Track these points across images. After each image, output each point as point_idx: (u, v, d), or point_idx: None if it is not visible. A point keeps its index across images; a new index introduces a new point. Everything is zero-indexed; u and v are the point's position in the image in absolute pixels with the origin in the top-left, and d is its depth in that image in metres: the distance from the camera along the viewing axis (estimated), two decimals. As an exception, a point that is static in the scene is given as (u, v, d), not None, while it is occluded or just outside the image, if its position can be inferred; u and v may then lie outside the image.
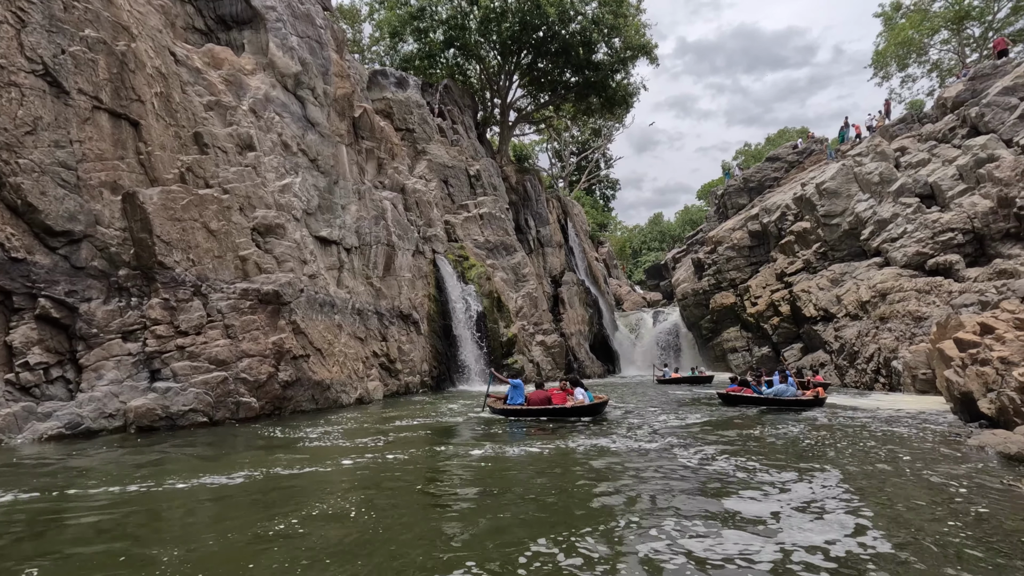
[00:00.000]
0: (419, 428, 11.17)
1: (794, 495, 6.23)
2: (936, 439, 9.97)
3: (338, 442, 9.65)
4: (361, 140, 22.00)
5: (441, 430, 11.05)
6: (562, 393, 12.72)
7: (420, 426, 11.44)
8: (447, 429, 11.21)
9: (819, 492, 6.38)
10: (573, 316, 33.97)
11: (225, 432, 11.25)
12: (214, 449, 9.47)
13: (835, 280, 27.16)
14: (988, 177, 22.68)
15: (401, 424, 11.75)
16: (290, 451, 8.89)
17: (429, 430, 10.93)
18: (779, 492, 6.36)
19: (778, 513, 5.52)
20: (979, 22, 34.47)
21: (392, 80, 29.59)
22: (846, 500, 6.10)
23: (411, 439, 9.80)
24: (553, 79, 35.51)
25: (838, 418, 13.51)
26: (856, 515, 5.55)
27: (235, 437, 10.64)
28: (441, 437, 10.12)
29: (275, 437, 10.48)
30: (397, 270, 21.43)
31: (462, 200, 29.71)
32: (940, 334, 17.90)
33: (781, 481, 6.84)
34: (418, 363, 21.17)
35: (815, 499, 6.10)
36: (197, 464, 8.16)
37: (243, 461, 8.23)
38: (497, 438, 9.86)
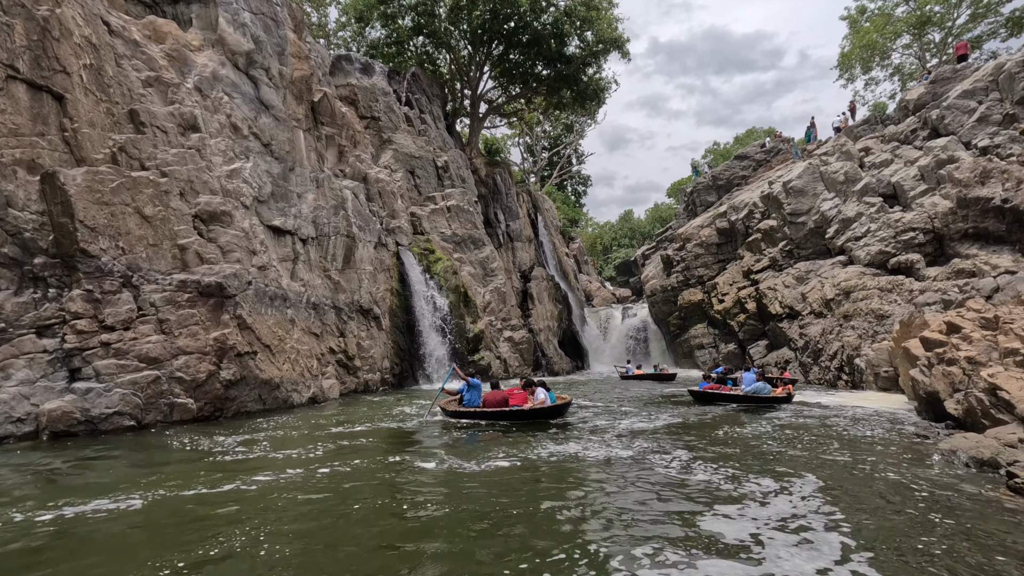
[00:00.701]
0: (368, 434, 10.24)
1: (774, 510, 5.66)
2: (907, 442, 9.62)
3: (272, 451, 8.66)
4: (321, 126, 20.83)
5: (391, 436, 10.17)
6: (522, 393, 11.69)
7: (369, 432, 10.50)
8: (398, 435, 10.32)
9: (799, 506, 5.84)
10: (542, 312, 33.37)
11: (154, 437, 10.18)
12: (129, 459, 8.45)
13: (800, 278, 27.20)
14: (948, 178, 22.88)
15: (349, 429, 10.80)
16: (216, 461, 7.93)
17: (378, 436, 10.04)
18: (758, 507, 5.78)
19: (759, 536, 4.91)
20: (939, 28, 35.02)
21: (357, 66, 28.35)
22: (826, 514, 5.57)
23: (356, 448, 8.91)
24: (524, 71, 34.71)
25: (807, 417, 13.17)
26: (839, 532, 5.02)
27: (164, 443, 9.59)
28: (390, 445, 9.25)
29: (206, 443, 9.47)
30: (357, 263, 20.39)
31: (429, 192, 28.71)
32: (903, 332, 17.87)
33: (759, 493, 6.28)
34: (379, 360, 20.21)
35: (795, 515, 5.55)
36: (101, 477, 7.16)
37: (158, 475, 7.27)
38: (450, 446, 8.98)
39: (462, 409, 11.60)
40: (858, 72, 37.62)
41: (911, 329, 15.71)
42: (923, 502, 6.05)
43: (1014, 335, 9.63)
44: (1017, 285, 12.39)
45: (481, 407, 11.62)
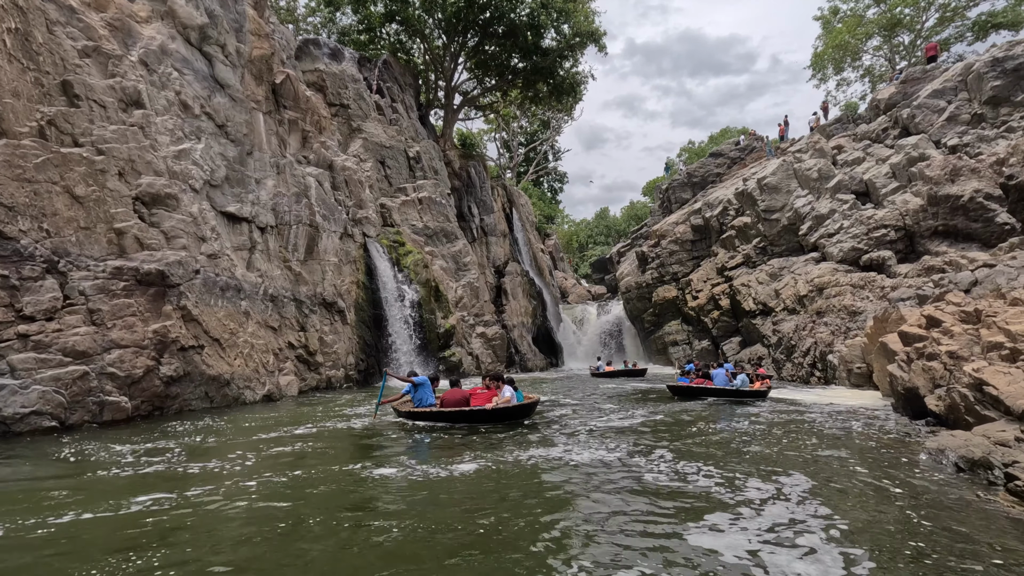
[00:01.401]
0: (319, 436, 9.25)
1: (767, 518, 5.01)
2: (889, 440, 9.12)
3: (206, 458, 7.64)
4: (283, 109, 19.67)
5: (345, 438, 9.20)
6: (486, 392, 10.61)
7: (321, 434, 9.51)
8: (352, 438, 9.34)
9: (796, 512, 5.22)
10: (516, 307, 32.62)
11: (77, 440, 9.07)
12: (32, 466, 7.38)
13: (774, 275, 27.01)
14: (919, 176, 22.85)
15: (301, 430, 9.77)
16: (133, 473, 6.93)
17: (330, 439, 9.07)
18: (752, 514, 5.12)
19: (757, 552, 4.21)
20: (909, 30, 35.32)
21: (325, 51, 27.13)
22: (823, 520, 4.97)
23: (304, 453, 7.93)
24: (500, 63, 33.86)
25: (785, 414, 12.67)
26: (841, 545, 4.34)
27: (84, 447, 8.51)
28: (343, 450, 8.30)
29: (126, 448, 8.42)
30: (321, 253, 19.31)
31: (400, 183, 27.67)
32: (877, 328, 17.63)
33: (750, 499, 5.61)
34: (343, 355, 19.18)
35: (792, 521, 4.91)
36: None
37: (63, 487, 6.25)
38: (410, 451, 8.03)
39: (417, 410, 10.43)
40: (830, 72, 37.81)
41: (887, 324, 15.41)
42: (919, 508, 5.45)
43: (997, 328, 9.21)
44: (996, 278, 12.10)
45: (439, 407, 10.51)
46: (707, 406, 14.22)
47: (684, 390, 16.30)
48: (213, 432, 9.64)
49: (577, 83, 36.11)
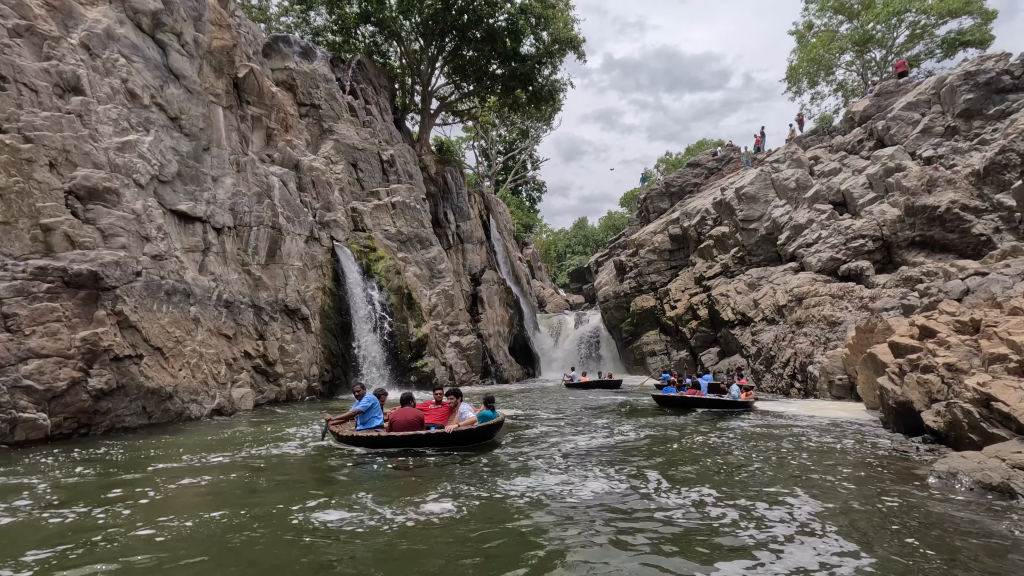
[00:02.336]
0: (255, 465, 7.83)
1: (790, 561, 4.12)
2: (891, 459, 8.34)
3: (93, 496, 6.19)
4: (246, 105, 18.48)
5: (286, 467, 7.81)
6: (440, 409, 9.25)
7: (259, 460, 8.09)
8: (295, 465, 7.99)
9: (821, 552, 4.38)
10: (492, 316, 31.62)
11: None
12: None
13: (752, 284, 26.58)
14: (896, 186, 22.68)
15: (238, 456, 8.36)
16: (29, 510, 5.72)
17: (268, 468, 7.66)
18: (772, 558, 4.25)
19: None
20: (881, 46, 35.71)
21: (296, 49, 25.99)
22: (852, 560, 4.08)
23: (233, 486, 6.67)
24: (479, 68, 33.11)
25: (772, 428, 11.92)
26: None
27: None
28: (279, 483, 6.97)
29: (28, 475, 7.18)
30: (284, 257, 18.09)
31: (373, 187, 26.55)
32: (860, 339, 17.12)
33: (764, 538, 4.74)
34: (306, 365, 17.91)
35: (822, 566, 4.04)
36: None
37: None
38: (356, 486, 6.69)
39: (360, 434, 8.82)
40: (805, 86, 38.04)
41: (872, 335, 14.86)
42: (945, 547, 4.62)
43: (1000, 339, 8.57)
44: (990, 286, 11.60)
45: (387, 429, 8.97)
46: (693, 419, 13.42)
47: (672, 400, 15.71)
48: (135, 457, 8.35)
49: (556, 91, 35.56)
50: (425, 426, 8.96)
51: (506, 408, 14.82)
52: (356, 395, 9.69)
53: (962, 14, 32.62)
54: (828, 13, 36.07)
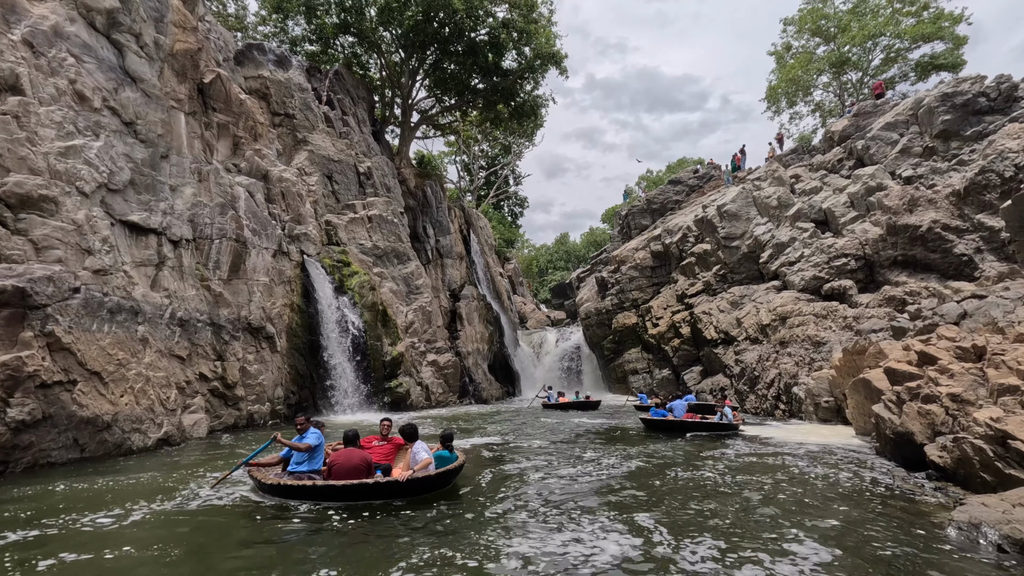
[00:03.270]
0: (180, 517, 6.47)
1: None
2: (895, 498, 7.55)
3: None
4: (212, 112, 17.45)
5: (214, 524, 6.36)
6: (386, 446, 7.90)
7: (186, 514, 6.64)
8: (226, 519, 6.54)
9: None
10: (471, 333, 30.62)
11: None
12: None
13: (735, 303, 26.09)
14: (878, 205, 22.45)
15: (163, 507, 6.88)
16: None
17: (195, 523, 6.31)
18: None
19: None
20: (857, 69, 36.08)
21: (271, 57, 25.07)
22: None
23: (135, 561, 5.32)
24: (460, 82, 32.52)
25: (763, 456, 11.16)
26: None
27: None
28: (199, 548, 5.88)
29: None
30: (249, 272, 16.95)
31: (348, 199, 25.56)
32: (847, 361, 16.55)
33: None
34: (269, 387, 16.70)
35: None
36: None
37: None
38: (292, 553, 5.39)
39: (290, 483, 6.95)
40: (784, 105, 38.26)
41: (861, 358, 14.27)
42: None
43: (1007, 369, 7.93)
44: (990, 310, 11.08)
45: (325, 475, 7.23)
46: (680, 446, 12.59)
47: (662, 425, 15.08)
48: (39, 508, 6.88)
49: (538, 106, 35.14)
50: (371, 466, 7.30)
51: (480, 437, 13.82)
52: (299, 429, 7.77)
53: (934, 39, 33.11)
54: (805, 35, 36.42)
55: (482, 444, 12.44)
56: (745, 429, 16.66)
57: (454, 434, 8.53)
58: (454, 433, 8.67)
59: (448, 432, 8.33)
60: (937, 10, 33.20)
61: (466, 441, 12.74)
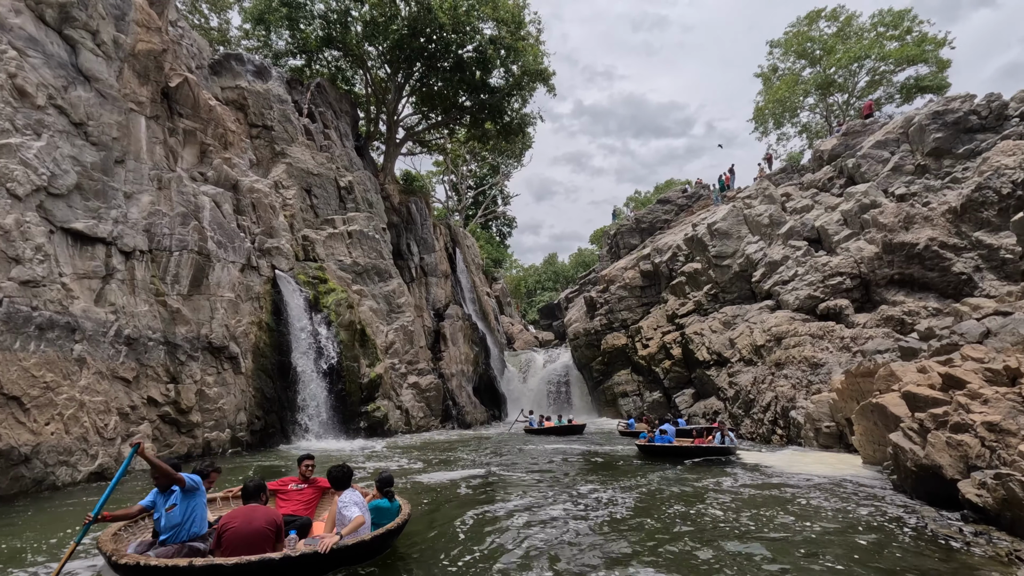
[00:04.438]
0: None
1: None
2: (936, 547, 6.36)
3: None
4: (178, 118, 16.31)
5: None
6: (305, 491, 6.21)
7: None
8: None
9: None
10: (456, 354, 29.25)
11: None
12: None
13: (727, 323, 25.09)
14: (873, 223, 21.73)
15: None
16: None
17: None
18: None
19: None
20: (842, 91, 35.98)
21: (249, 67, 24.12)
22: None
23: None
24: (446, 99, 31.79)
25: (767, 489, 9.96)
26: None
27: None
28: None
29: None
30: (212, 287, 15.61)
31: (328, 214, 24.39)
32: (851, 383, 15.48)
33: None
34: (231, 412, 15.22)
35: None
36: None
37: None
38: None
39: (155, 564, 4.38)
40: (771, 127, 38.03)
41: (869, 381, 13.20)
42: None
43: (1054, 394, 6.86)
44: (1018, 328, 10.10)
45: (211, 545, 5.01)
46: (677, 476, 11.34)
47: (658, 451, 14.01)
48: None
49: (525, 124, 34.47)
50: (282, 530, 5.23)
51: (459, 468, 12.46)
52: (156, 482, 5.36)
53: (918, 61, 33.10)
54: (791, 57, 36.37)
55: (460, 478, 11.09)
56: (743, 455, 15.49)
57: (393, 478, 6.51)
58: (393, 477, 6.50)
59: (386, 476, 6.35)
60: (920, 34, 33.28)
61: (442, 475, 11.39)
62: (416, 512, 7.82)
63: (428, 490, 9.77)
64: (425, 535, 6.87)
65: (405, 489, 9.84)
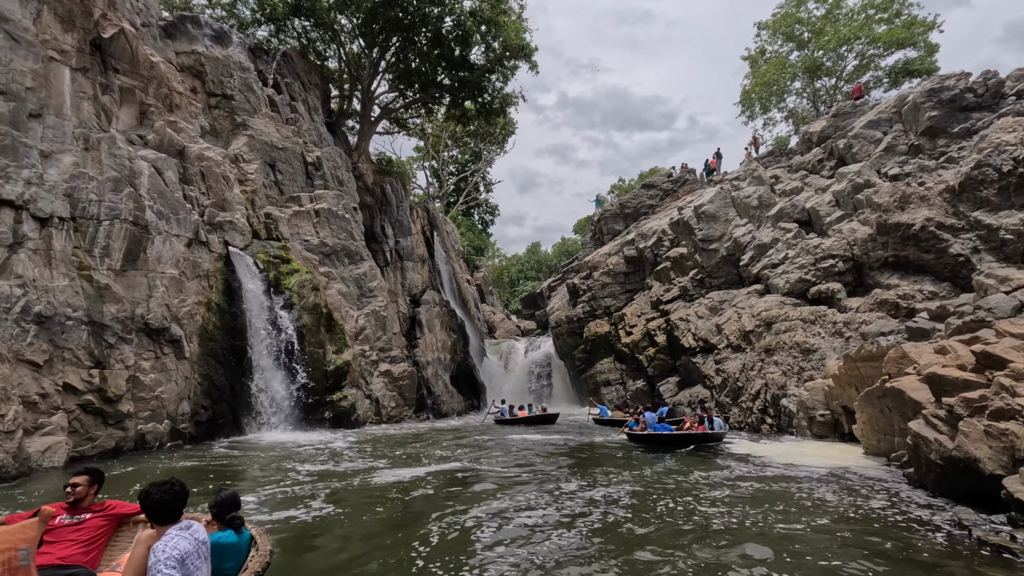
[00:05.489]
0: None
1: None
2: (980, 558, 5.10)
3: None
4: (113, 73, 14.40)
5: None
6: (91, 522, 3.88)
7: None
8: None
9: None
10: (432, 341, 27.67)
11: None
12: None
13: (714, 308, 23.87)
14: (867, 203, 20.59)
15: None
16: None
17: None
18: None
19: None
20: (829, 75, 34.91)
21: (207, 32, 22.07)
22: None
23: None
24: (424, 75, 29.97)
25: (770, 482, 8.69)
26: None
27: None
28: None
29: None
30: (151, 263, 13.81)
31: (294, 191, 22.55)
32: (850, 368, 14.26)
33: None
34: (171, 402, 13.49)
35: None
36: None
37: None
38: None
39: None
40: (758, 111, 36.85)
41: (872, 365, 11.97)
42: None
43: None
44: None
45: None
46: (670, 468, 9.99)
47: (656, 439, 12.97)
48: None
49: (507, 104, 32.80)
50: None
51: (428, 464, 10.94)
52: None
53: (907, 45, 32.09)
54: (780, 40, 35.15)
55: (429, 475, 9.59)
56: (736, 445, 14.26)
57: (238, 497, 4.09)
58: (238, 496, 4.10)
59: (227, 496, 4.02)
60: (910, 16, 32.26)
61: (407, 472, 9.86)
62: (365, 525, 6.33)
63: (382, 494, 8.25)
64: (369, 562, 5.36)
65: (351, 492, 8.31)
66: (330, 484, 8.78)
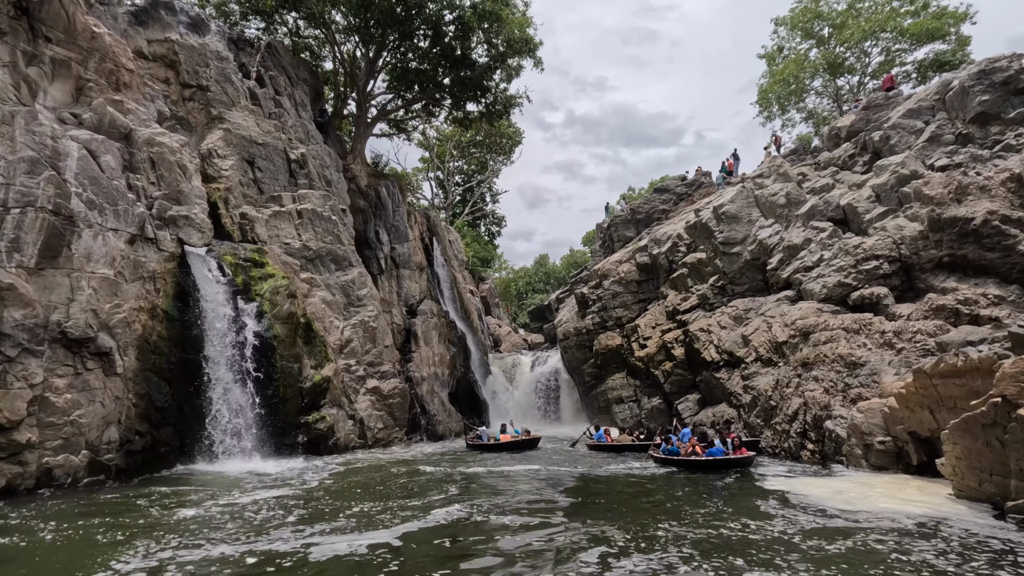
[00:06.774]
0: None
1: None
2: None
3: None
4: (44, 42, 12.19)
5: None
6: None
7: None
8: None
9: None
10: (428, 355, 25.02)
11: None
12: None
13: (738, 318, 21.00)
14: (916, 196, 17.73)
15: None
16: None
17: None
18: None
19: None
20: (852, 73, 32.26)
21: (183, 19, 20.05)
22: None
23: None
24: (423, 74, 27.83)
25: (836, 538, 5.80)
26: None
27: None
28: None
29: None
30: (77, 260, 11.40)
31: (275, 190, 20.23)
32: (922, 387, 11.31)
33: None
34: (94, 427, 10.93)
35: None
36: None
37: None
38: None
39: None
40: (776, 111, 34.23)
41: (963, 382, 9.12)
42: None
43: None
44: None
45: None
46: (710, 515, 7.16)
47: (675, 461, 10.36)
48: None
49: (511, 105, 30.52)
50: None
51: (400, 521, 8.18)
52: None
53: (937, 37, 29.39)
54: (798, 36, 32.64)
55: (396, 540, 6.84)
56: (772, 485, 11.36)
57: None
58: None
59: None
60: (939, 8, 29.60)
61: (363, 539, 7.11)
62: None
63: None
64: None
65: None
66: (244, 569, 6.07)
